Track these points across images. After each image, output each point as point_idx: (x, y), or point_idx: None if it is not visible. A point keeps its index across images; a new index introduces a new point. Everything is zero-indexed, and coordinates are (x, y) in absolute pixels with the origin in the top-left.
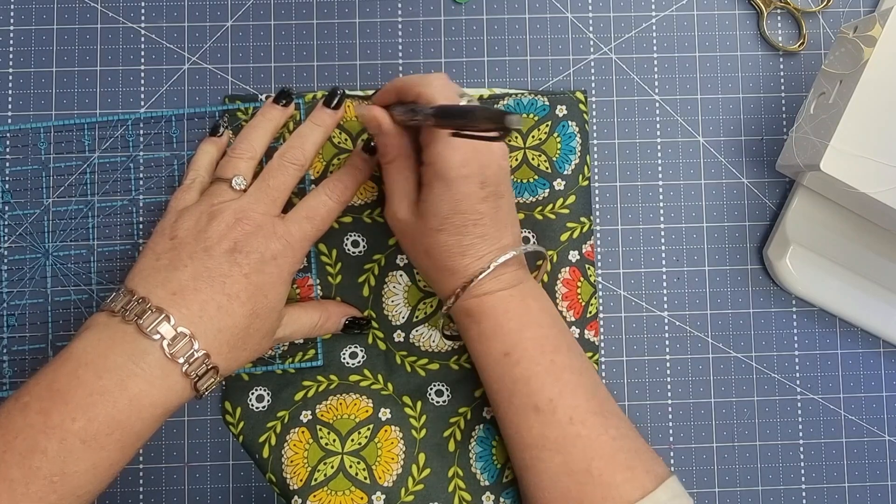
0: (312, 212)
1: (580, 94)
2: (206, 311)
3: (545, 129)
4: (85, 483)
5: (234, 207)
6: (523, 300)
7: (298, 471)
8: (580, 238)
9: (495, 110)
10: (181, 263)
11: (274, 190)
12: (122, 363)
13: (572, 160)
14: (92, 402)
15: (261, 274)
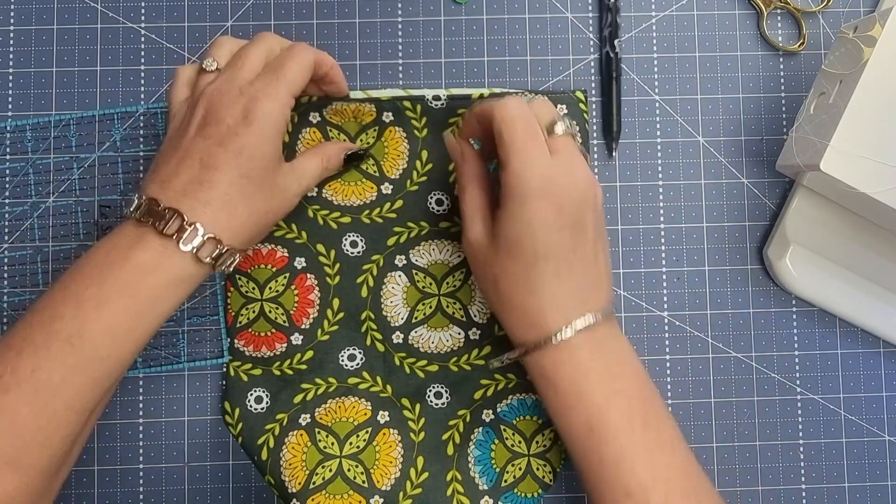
0: (279, 63)
1: (580, 94)
2: (188, 189)
3: None
4: (103, 345)
5: (205, 90)
6: (604, 359)
7: (297, 474)
8: None
9: None
10: (169, 157)
11: (242, 59)
12: (127, 243)
13: None
14: (101, 272)
15: (236, 137)
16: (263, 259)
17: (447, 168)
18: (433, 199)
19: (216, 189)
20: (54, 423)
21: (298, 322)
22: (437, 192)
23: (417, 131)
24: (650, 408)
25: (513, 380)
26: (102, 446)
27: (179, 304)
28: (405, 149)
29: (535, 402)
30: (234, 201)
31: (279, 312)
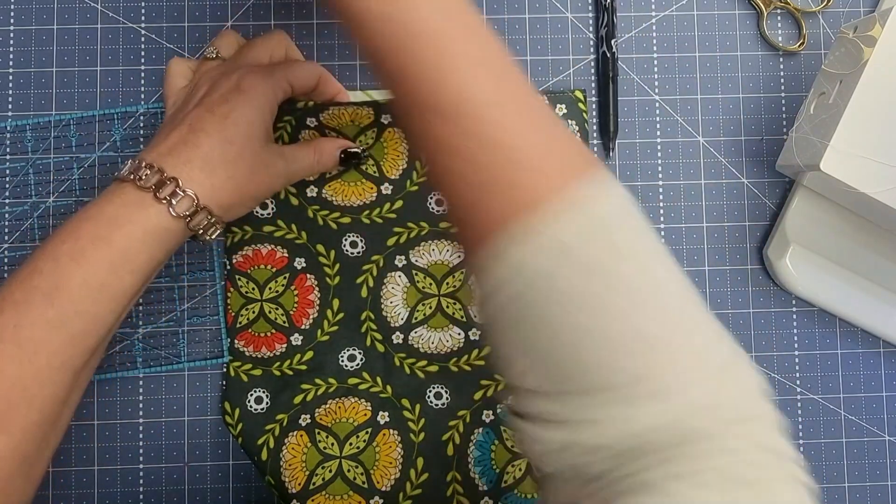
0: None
1: (579, 94)
2: (174, 149)
3: None
4: (80, 299)
5: (209, 72)
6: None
7: (297, 475)
8: None
9: None
10: (163, 129)
11: (247, 48)
12: (104, 199)
13: None
14: (77, 227)
15: (225, 104)
16: (263, 259)
17: None
18: (433, 200)
19: (199, 149)
20: (38, 380)
21: (298, 322)
22: (438, 193)
23: None
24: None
25: None
26: (102, 446)
27: (155, 261)
28: (404, 149)
29: None
30: (215, 163)
31: (279, 313)
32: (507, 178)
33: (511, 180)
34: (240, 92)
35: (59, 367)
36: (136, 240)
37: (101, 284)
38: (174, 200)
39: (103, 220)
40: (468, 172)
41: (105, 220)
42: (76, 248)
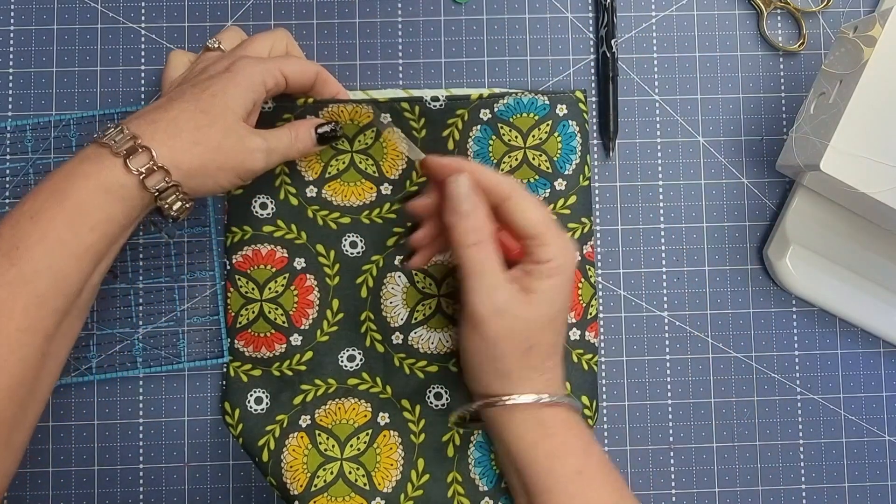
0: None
1: (580, 94)
2: (145, 113)
3: (546, 128)
4: (39, 256)
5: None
6: (577, 418)
7: (298, 476)
8: (581, 239)
9: None
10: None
11: (248, 42)
12: (70, 161)
13: (573, 160)
14: (38, 187)
15: (209, 80)
16: (263, 259)
17: None
18: None
19: (168, 113)
20: (6, 344)
21: (298, 323)
22: None
23: (416, 132)
24: (606, 457)
25: None
26: (102, 446)
27: (115, 222)
28: (404, 148)
29: None
30: (181, 126)
31: (278, 313)
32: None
33: None
34: (227, 72)
35: (27, 329)
36: (90, 193)
37: (59, 240)
38: (131, 157)
39: (60, 175)
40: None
41: (62, 175)
42: (34, 207)
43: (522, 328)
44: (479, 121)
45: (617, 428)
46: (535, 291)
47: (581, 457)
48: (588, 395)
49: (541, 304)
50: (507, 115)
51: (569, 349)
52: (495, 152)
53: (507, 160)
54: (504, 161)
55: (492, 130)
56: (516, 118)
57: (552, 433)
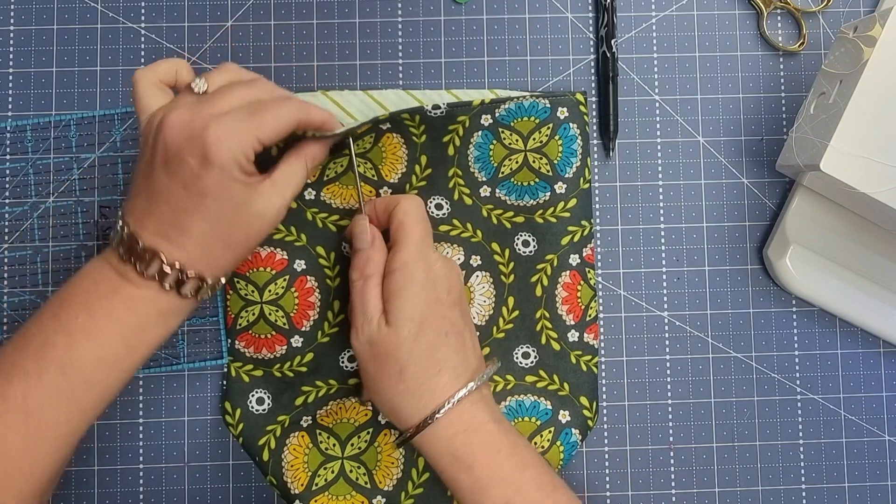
0: (260, 108)
1: (580, 96)
2: (163, 231)
3: (546, 131)
4: (94, 373)
5: (169, 112)
6: (509, 436)
7: (299, 475)
8: (581, 241)
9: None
10: (140, 188)
11: (221, 93)
12: (113, 276)
13: (573, 163)
14: (91, 303)
15: (198, 180)
16: (262, 262)
17: (447, 173)
18: (432, 204)
19: (189, 233)
20: (43, 450)
21: (299, 324)
22: (437, 197)
23: (416, 137)
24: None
25: (511, 381)
26: (102, 446)
27: (170, 333)
28: (403, 153)
29: (533, 405)
30: (209, 242)
31: (279, 315)
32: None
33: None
34: (210, 165)
35: (66, 436)
36: (150, 318)
37: (114, 360)
38: (178, 284)
39: (117, 300)
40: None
41: (119, 300)
42: (92, 326)
43: (389, 351)
44: (481, 126)
45: (617, 428)
46: (392, 312)
47: (508, 485)
48: (587, 396)
49: (400, 325)
50: (507, 120)
51: (567, 350)
52: (496, 156)
53: (507, 163)
54: (504, 164)
55: (493, 135)
56: (517, 122)
57: (469, 465)
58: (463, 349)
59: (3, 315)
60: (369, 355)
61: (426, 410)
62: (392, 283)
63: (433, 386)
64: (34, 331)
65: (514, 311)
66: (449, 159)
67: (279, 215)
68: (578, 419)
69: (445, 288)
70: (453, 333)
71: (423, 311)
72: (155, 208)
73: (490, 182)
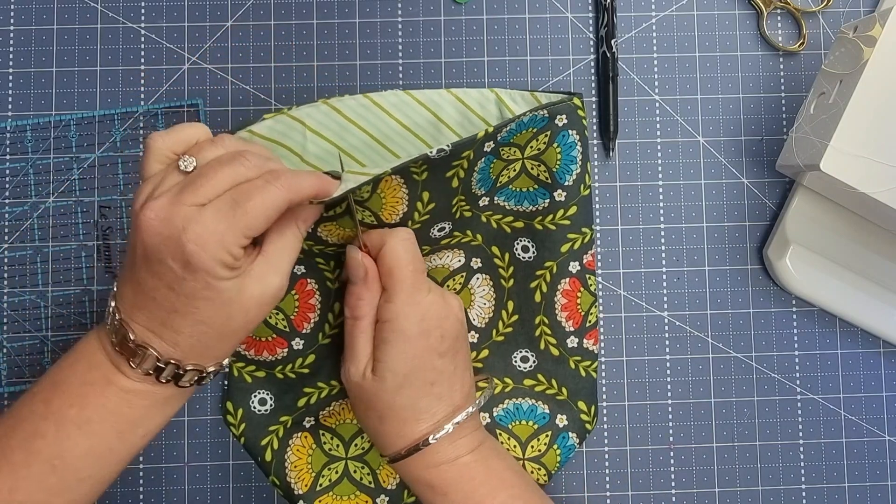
0: (244, 196)
1: (577, 101)
2: (155, 329)
3: (544, 138)
4: (85, 466)
5: (146, 206)
6: (486, 463)
7: (303, 476)
8: (581, 248)
9: None
10: (128, 278)
11: (202, 179)
12: (107, 367)
13: (573, 170)
14: (83, 393)
15: (183, 283)
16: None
17: (450, 203)
18: (435, 228)
19: (181, 333)
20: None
21: (299, 327)
22: (441, 222)
23: (416, 175)
24: (533, 492)
25: (510, 384)
26: None
27: (168, 419)
28: (403, 194)
29: (530, 408)
30: (203, 339)
31: (279, 318)
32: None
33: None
34: (193, 271)
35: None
36: (145, 409)
37: (107, 452)
38: (175, 378)
39: (110, 392)
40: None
41: (112, 392)
42: (83, 417)
43: (372, 399)
44: (483, 153)
45: (617, 428)
46: (378, 361)
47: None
48: (585, 400)
49: (384, 376)
50: (508, 139)
51: (566, 356)
52: (494, 170)
53: (505, 172)
54: (502, 174)
55: (494, 157)
56: (516, 137)
57: (444, 492)
58: (449, 394)
59: (3, 315)
60: (355, 394)
61: (401, 448)
62: (382, 332)
63: (410, 432)
64: (25, 414)
65: (514, 315)
66: (452, 191)
67: (280, 292)
68: (576, 423)
69: (438, 336)
70: (440, 382)
71: (410, 365)
72: (143, 304)
73: (488, 193)
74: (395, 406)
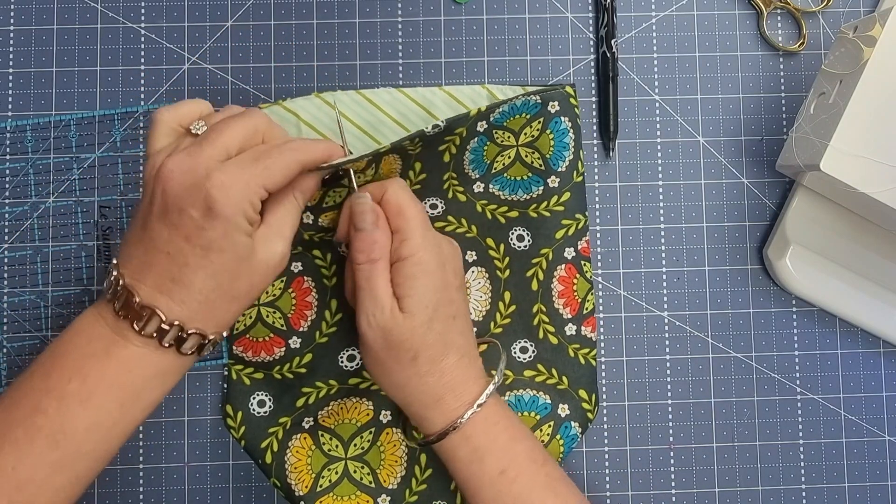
0: (264, 154)
1: (570, 89)
2: (162, 286)
3: (538, 125)
4: (87, 440)
5: (168, 158)
6: (503, 409)
7: (303, 477)
8: (576, 235)
9: None
10: (137, 240)
11: (216, 134)
12: (107, 335)
13: (566, 156)
14: (83, 365)
15: (201, 232)
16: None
17: (441, 177)
18: (427, 204)
19: (190, 289)
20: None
21: (296, 325)
22: (432, 198)
23: (411, 150)
24: (541, 446)
25: (510, 376)
26: None
27: (166, 393)
28: (398, 167)
29: (532, 399)
30: (211, 297)
31: (276, 316)
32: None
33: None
34: (214, 217)
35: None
36: (146, 380)
37: (110, 425)
38: (178, 342)
39: (112, 362)
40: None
41: (114, 363)
42: (84, 390)
43: (401, 339)
44: (476, 133)
45: (617, 428)
46: (406, 297)
47: (502, 454)
48: (586, 389)
49: (414, 312)
50: (501, 121)
51: (565, 344)
52: (489, 155)
53: (499, 159)
54: (497, 160)
55: (487, 138)
56: (510, 121)
57: (467, 435)
58: (465, 329)
59: (3, 315)
60: (381, 341)
61: (434, 392)
62: (404, 270)
63: (441, 367)
64: (25, 390)
65: (511, 306)
66: (444, 165)
67: (284, 259)
68: (578, 412)
69: (453, 270)
70: (460, 316)
71: (436, 298)
72: (154, 260)
73: (483, 178)
74: (428, 341)
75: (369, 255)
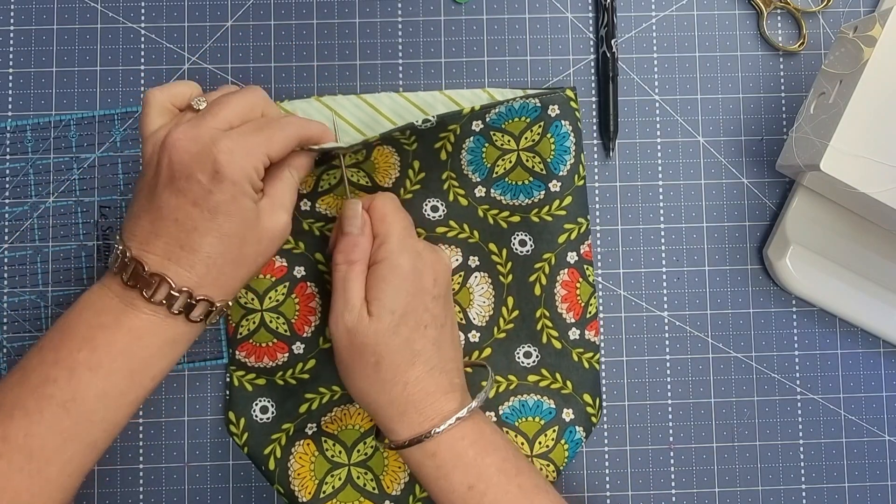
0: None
1: (570, 92)
2: (171, 253)
3: (538, 129)
4: (98, 409)
5: (173, 129)
6: (475, 423)
7: (306, 483)
8: (578, 239)
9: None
10: (142, 210)
11: (218, 106)
12: (117, 306)
13: (567, 160)
14: (93, 335)
15: (209, 196)
16: (263, 270)
17: (440, 176)
18: (428, 206)
19: (198, 253)
20: (48, 489)
21: (300, 331)
22: (433, 199)
23: (407, 145)
24: (520, 457)
25: (514, 381)
26: None
27: (174, 362)
28: (395, 160)
29: (536, 404)
30: (219, 262)
31: (280, 322)
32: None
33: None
34: (221, 180)
35: (71, 474)
36: (155, 349)
37: (119, 394)
38: (188, 309)
39: (121, 331)
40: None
41: (124, 332)
42: (94, 359)
43: (364, 341)
44: (472, 132)
45: (617, 428)
46: (374, 300)
47: (469, 470)
48: (590, 393)
49: (381, 315)
50: (499, 123)
51: (568, 349)
52: (488, 157)
53: (500, 163)
54: (498, 164)
55: (484, 139)
56: (508, 124)
57: (432, 452)
58: (440, 341)
59: (3, 315)
60: (347, 343)
61: (398, 404)
62: (377, 272)
63: (405, 377)
64: (35, 363)
65: (514, 311)
66: (441, 163)
67: (287, 229)
68: (582, 417)
69: (432, 278)
70: (433, 326)
71: (406, 303)
72: (162, 229)
73: (484, 182)
74: (392, 347)
75: (348, 256)
